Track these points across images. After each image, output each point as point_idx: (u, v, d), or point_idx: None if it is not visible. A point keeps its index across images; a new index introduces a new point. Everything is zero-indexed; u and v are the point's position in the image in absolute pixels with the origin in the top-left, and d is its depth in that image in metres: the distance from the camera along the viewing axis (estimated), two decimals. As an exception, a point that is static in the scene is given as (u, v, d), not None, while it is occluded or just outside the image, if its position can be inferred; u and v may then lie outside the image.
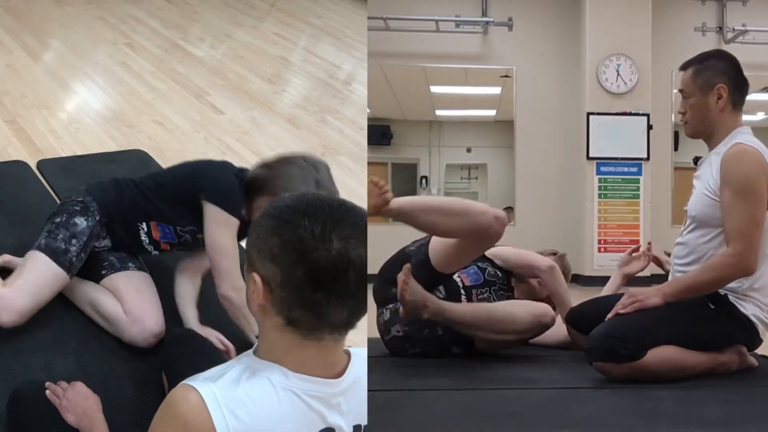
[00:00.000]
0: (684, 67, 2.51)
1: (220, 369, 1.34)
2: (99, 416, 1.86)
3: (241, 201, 2.43)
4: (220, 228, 2.41)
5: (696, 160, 2.55)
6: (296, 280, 1.24)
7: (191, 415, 1.25)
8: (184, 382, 1.30)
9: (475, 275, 2.84)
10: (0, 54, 5.21)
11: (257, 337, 1.42)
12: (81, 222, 2.48)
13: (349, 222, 1.27)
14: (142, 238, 2.58)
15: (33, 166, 3.63)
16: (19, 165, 3.62)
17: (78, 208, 2.52)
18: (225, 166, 2.66)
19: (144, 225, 2.56)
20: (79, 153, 3.88)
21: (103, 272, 2.52)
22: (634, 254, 3.02)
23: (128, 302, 2.43)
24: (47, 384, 1.91)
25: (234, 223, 2.42)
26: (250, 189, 2.42)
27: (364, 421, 1.40)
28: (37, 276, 2.38)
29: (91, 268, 2.53)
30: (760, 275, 2.37)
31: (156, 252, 2.63)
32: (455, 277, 2.78)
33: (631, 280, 2.99)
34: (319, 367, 1.33)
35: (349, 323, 1.30)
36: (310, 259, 1.23)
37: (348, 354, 1.39)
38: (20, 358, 2.32)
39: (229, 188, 2.45)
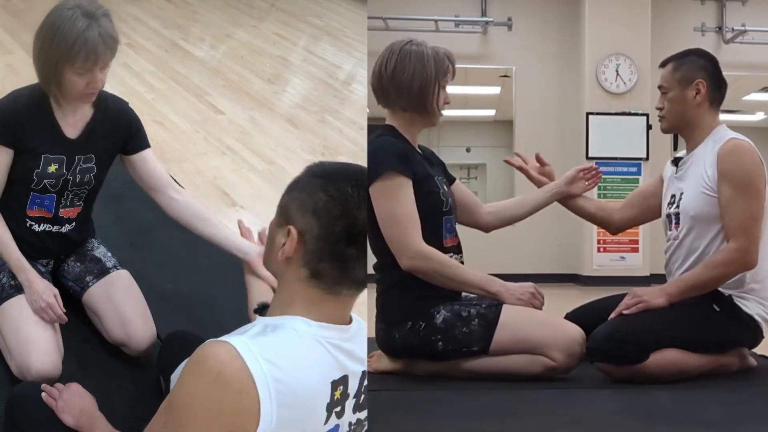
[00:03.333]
0: (663, 64, 2.56)
1: (239, 330, 1.37)
2: (97, 413, 1.86)
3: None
4: None
5: (676, 161, 2.55)
6: (334, 234, 1.33)
7: (225, 364, 1.25)
8: (209, 340, 1.31)
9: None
10: (0, 54, 5.20)
11: (257, 309, 1.48)
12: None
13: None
14: (40, 230, 2.31)
15: (33, 166, 3.62)
16: (19, 165, 3.61)
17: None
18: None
19: (29, 221, 2.29)
20: (79, 153, 3.88)
21: (80, 288, 2.38)
22: (580, 174, 2.89)
23: (110, 330, 2.32)
24: (43, 386, 1.91)
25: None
26: (44, 74, 2.18)
27: (366, 366, 1.45)
28: (7, 324, 2.19)
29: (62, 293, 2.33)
30: (760, 272, 2.38)
31: (72, 226, 2.36)
32: None
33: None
34: (334, 319, 1.38)
35: (365, 281, 1.40)
36: (352, 215, 1.33)
37: None
38: (21, 358, 2.32)
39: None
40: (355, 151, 4.41)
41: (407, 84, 2.46)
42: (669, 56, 2.57)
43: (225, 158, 4.10)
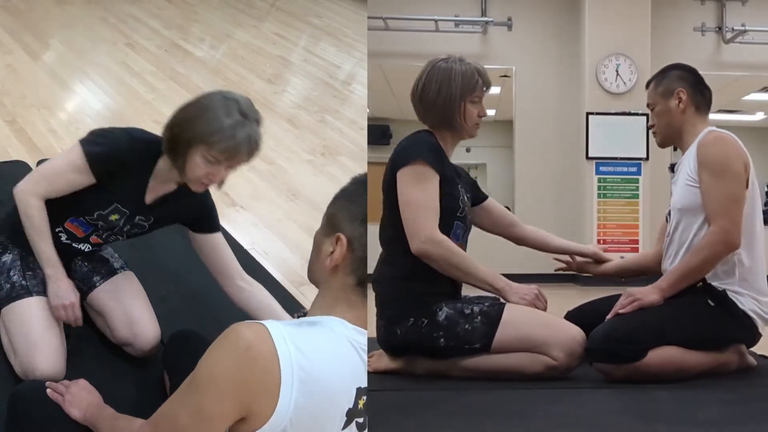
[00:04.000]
0: (647, 84, 2.67)
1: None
2: (103, 405, 1.87)
3: (110, 144, 2.19)
4: (65, 156, 2.21)
5: (672, 167, 2.64)
6: None
7: (256, 340, 1.27)
8: (246, 320, 1.33)
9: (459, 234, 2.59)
10: (0, 54, 5.20)
11: (299, 316, 1.46)
12: (6, 257, 2.32)
13: None
14: (64, 241, 2.34)
15: (33, 166, 3.62)
16: (19, 165, 3.61)
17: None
18: (125, 130, 2.32)
19: (61, 228, 2.31)
20: (79, 153, 3.88)
21: (85, 288, 2.41)
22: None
23: (116, 330, 2.34)
24: (48, 383, 1.91)
25: (76, 158, 2.16)
26: (175, 142, 2.13)
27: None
28: (17, 325, 2.21)
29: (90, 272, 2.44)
30: (750, 266, 2.41)
31: (90, 248, 2.40)
32: None
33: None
34: (361, 323, 1.40)
35: None
36: None
37: None
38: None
39: (103, 132, 2.25)
40: (355, 151, 4.41)
41: (432, 101, 2.52)
42: (651, 77, 2.68)
43: (225, 158, 4.10)
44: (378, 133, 7.12)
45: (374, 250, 1.84)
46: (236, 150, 2.05)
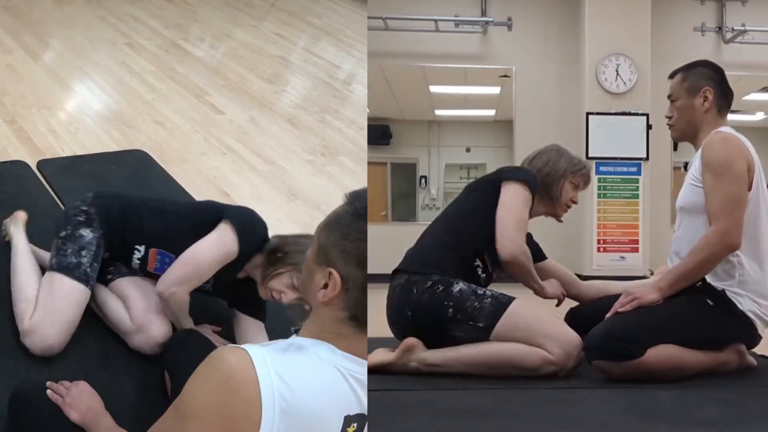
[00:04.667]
0: (672, 75, 2.62)
1: (266, 342, 1.39)
2: (103, 411, 1.87)
3: (257, 238, 2.41)
4: (217, 246, 2.35)
5: (686, 165, 2.62)
6: None
7: (238, 369, 1.24)
8: (231, 344, 1.33)
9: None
10: (0, 54, 5.21)
11: (296, 330, 1.45)
12: (87, 233, 2.45)
13: None
14: (134, 260, 2.51)
15: (33, 166, 3.63)
16: (19, 165, 3.62)
17: (82, 218, 2.48)
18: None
19: (141, 248, 2.49)
20: (79, 153, 3.88)
21: (109, 276, 2.51)
22: None
23: (134, 309, 2.41)
24: (49, 384, 1.91)
25: (229, 251, 2.35)
26: (270, 257, 2.35)
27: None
28: (58, 298, 2.34)
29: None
30: (751, 269, 2.40)
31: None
32: (479, 262, 2.64)
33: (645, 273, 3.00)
34: (362, 355, 1.36)
35: None
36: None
37: None
38: (20, 359, 2.32)
39: (252, 217, 2.47)
40: (355, 151, 4.41)
41: (539, 168, 2.78)
42: (677, 67, 2.62)
43: (225, 158, 4.10)
44: (378, 133, 7.12)
45: (376, 250, 1.83)
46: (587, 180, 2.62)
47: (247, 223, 2.42)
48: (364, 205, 1.33)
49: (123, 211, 2.52)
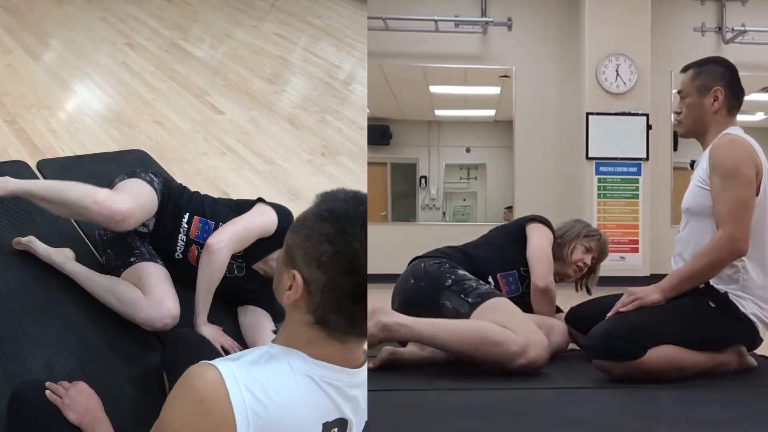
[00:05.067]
0: (684, 69, 2.58)
1: (239, 354, 1.35)
2: (101, 414, 1.87)
3: (289, 223, 2.45)
4: (261, 216, 2.58)
5: (692, 164, 2.59)
6: (341, 290, 1.25)
7: (208, 390, 1.25)
8: (203, 361, 1.30)
9: (513, 284, 2.84)
10: (0, 54, 5.20)
11: (275, 332, 1.43)
12: (147, 180, 2.66)
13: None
14: (183, 226, 2.66)
15: (33, 166, 3.62)
16: (19, 165, 3.61)
17: (143, 177, 2.68)
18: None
19: (187, 216, 2.66)
20: (79, 153, 3.88)
21: (132, 259, 2.57)
22: None
23: (150, 286, 2.47)
24: (48, 384, 1.91)
25: (270, 223, 2.58)
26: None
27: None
28: (136, 187, 2.58)
29: (121, 253, 2.59)
30: (756, 274, 2.38)
31: (181, 255, 2.66)
32: (491, 279, 2.81)
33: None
34: (339, 360, 1.34)
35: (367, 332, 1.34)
36: (359, 273, 1.25)
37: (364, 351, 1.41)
38: (20, 358, 2.32)
39: (284, 207, 2.67)
40: (354, 151, 4.41)
41: (557, 231, 2.99)
42: (690, 62, 2.59)
43: (225, 158, 4.10)
44: (378, 133, 7.12)
45: (375, 250, 1.83)
46: None
47: (281, 207, 2.64)
48: (329, 207, 1.29)
49: (181, 187, 2.80)
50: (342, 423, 1.35)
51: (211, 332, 2.47)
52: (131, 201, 2.45)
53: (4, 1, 6.30)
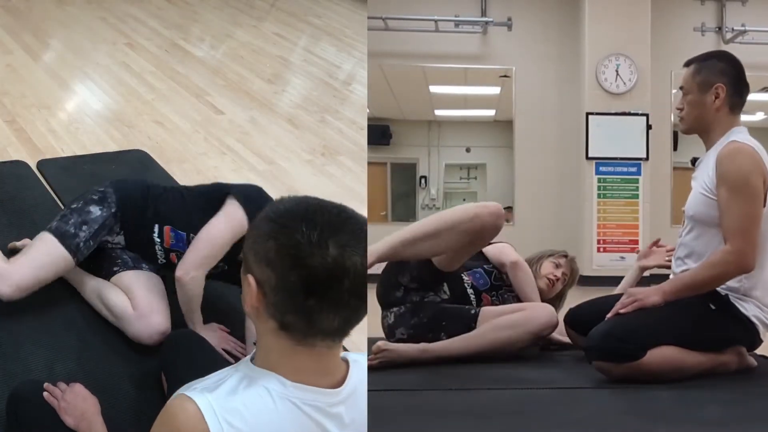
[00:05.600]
0: (686, 64, 2.52)
1: (218, 377, 1.33)
2: (98, 419, 1.86)
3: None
4: (226, 222, 2.41)
5: (694, 161, 2.55)
6: (290, 285, 1.23)
7: (189, 425, 1.25)
8: (182, 391, 1.29)
9: (480, 279, 2.86)
10: (0, 54, 5.20)
11: (255, 343, 1.41)
12: (95, 210, 2.51)
13: (348, 229, 1.26)
14: (155, 240, 2.56)
15: (33, 166, 3.63)
16: (19, 165, 3.62)
17: (96, 197, 2.55)
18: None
19: (156, 227, 2.55)
20: (79, 153, 3.88)
21: (116, 269, 2.53)
22: (653, 248, 2.96)
23: (137, 298, 2.43)
24: (45, 385, 1.91)
25: (240, 225, 2.39)
26: None
27: (364, 429, 1.39)
28: (41, 255, 2.42)
29: (104, 263, 2.55)
30: (759, 275, 2.37)
31: (164, 261, 2.60)
32: (463, 276, 2.80)
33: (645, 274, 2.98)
34: (315, 374, 1.32)
35: (342, 331, 1.30)
36: (304, 265, 1.22)
37: (346, 362, 1.38)
38: (19, 358, 2.32)
39: (258, 194, 2.50)
40: (355, 151, 4.41)
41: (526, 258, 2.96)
42: (693, 57, 2.53)
43: (225, 158, 4.10)
44: (378, 133, 7.12)
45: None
46: None
47: (253, 196, 2.47)
48: (274, 208, 1.29)
49: (142, 193, 2.60)
50: None
51: (211, 334, 2.45)
52: (23, 279, 2.37)
53: (4, 1, 6.30)
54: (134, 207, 2.56)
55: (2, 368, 2.26)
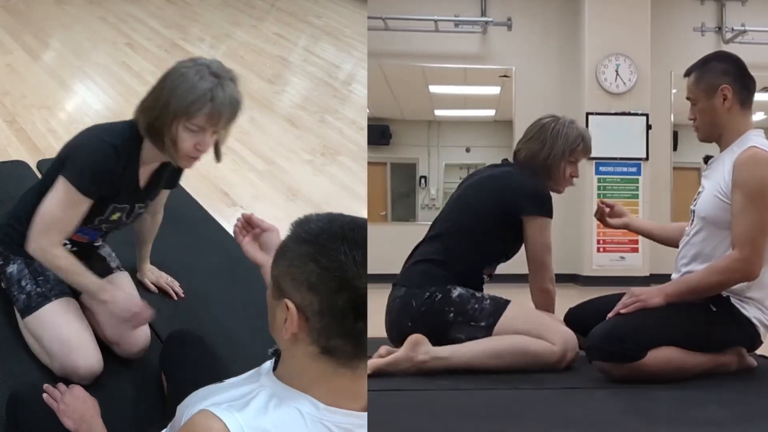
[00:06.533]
0: (687, 74, 2.50)
1: (241, 392, 1.28)
2: (97, 420, 1.86)
3: (95, 174, 2.18)
4: (55, 194, 2.18)
5: (707, 159, 2.53)
6: (337, 309, 1.18)
7: None
8: (206, 408, 1.22)
9: (495, 268, 2.76)
10: (0, 54, 5.20)
11: (272, 353, 1.35)
12: (12, 269, 2.32)
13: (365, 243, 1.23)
14: (73, 250, 2.36)
15: (33, 166, 3.63)
16: (19, 165, 3.62)
17: (1, 261, 2.37)
18: (92, 134, 2.32)
19: (67, 242, 2.33)
20: (79, 153, 3.88)
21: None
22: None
23: (102, 328, 2.31)
24: (45, 387, 1.90)
25: (71, 195, 2.16)
26: (156, 124, 2.17)
27: None
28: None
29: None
30: (761, 278, 2.37)
31: (100, 242, 2.49)
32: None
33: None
34: (350, 398, 1.27)
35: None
36: (352, 287, 1.18)
37: None
38: (19, 358, 2.32)
39: (81, 160, 2.22)
40: (355, 151, 4.41)
41: (537, 154, 2.77)
42: (691, 65, 2.50)
43: (225, 158, 4.09)
44: (378, 133, 7.12)
45: (375, 250, 1.82)
46: (219, 113, 2.07)
47: (73, 165, 2.20)
48: (306, 228, 1.23)
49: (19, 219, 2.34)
50: None
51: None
52: (93, 358, 2.19)
53: (4, 1, 6.30)
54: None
55: (2, 368, 2.26)
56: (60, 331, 2.20)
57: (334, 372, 1.24)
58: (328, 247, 1.19)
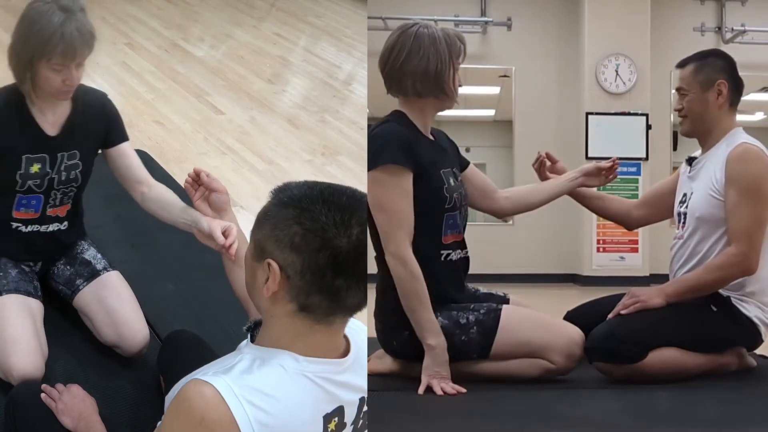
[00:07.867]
0: (682, 65, 2.51)
1: (226, 361, 1.33)
2: (96, 419, 1.86)
3: None
4: None
5: (690, 160, 2.54)
6: (318, 267, 1.26)
7: (208, 409, 1.23)
8: (194, 376, 1.28)
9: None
10: (0, 54, 5.20)
11: (247, 329, 1.41)
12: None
13: (362, 208, 1.33)
14: (29, 230, 2.28)
15: (33, 166, 3.62)
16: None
17: None
18: None
19: (15, 223, 2.26)
20: (79, 153, 3.88)
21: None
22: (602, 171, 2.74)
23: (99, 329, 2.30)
24: (43, 387, 1.90)
25: None
26: (19, 69, 2.16)
27: (365, 393, 1.42)
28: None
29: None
30: (761, 277, 2.37)
31: (63, 224, 2.34)
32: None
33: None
34: (327, 349, 1.35)
35: (361, 306, 1.34)
36: (332, 246, 1.26)
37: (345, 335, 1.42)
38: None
39: None
40: (355, 151, 4.41)
41: (423, 67, 2.35)
42: (687, 57, 2.52)
43: (225, 158, 4.10)
44: (378, 133, 7.12)
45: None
46: (73, 48, 2.11)
47: None
48: (289, 194, 1.34)
49: None
50: (340, 410, 1.36)
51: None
52: (32, 361, 2.08)
53: (5, 1, 6.29)
54: None
55: (2, 368, 2.26)
56: (3, 326, 2.10)
57: (310, 329, 1.31)
58: (308, 210, 1.29)
